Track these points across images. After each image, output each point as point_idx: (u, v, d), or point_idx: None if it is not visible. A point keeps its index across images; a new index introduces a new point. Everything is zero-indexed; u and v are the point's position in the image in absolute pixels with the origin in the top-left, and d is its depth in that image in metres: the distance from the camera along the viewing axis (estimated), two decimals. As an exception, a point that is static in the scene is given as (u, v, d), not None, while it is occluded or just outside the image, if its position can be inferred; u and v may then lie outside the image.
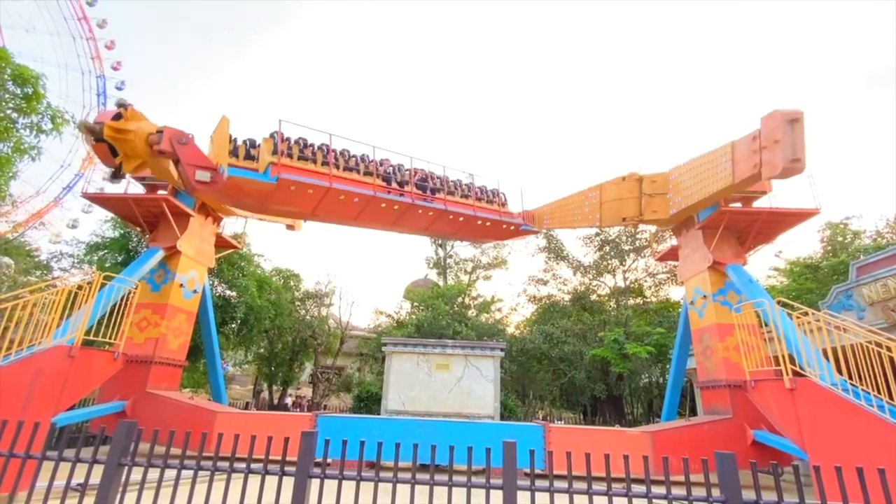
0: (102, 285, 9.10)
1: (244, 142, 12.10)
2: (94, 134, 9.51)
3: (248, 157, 11.92)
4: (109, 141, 9.53)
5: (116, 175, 10.18)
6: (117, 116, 9.62)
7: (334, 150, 12.62)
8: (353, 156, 13.19)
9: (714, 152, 10.79)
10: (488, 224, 15.12)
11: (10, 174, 11.86)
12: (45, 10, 32.50)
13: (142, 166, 10.34)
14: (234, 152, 11.73)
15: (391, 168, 13.73)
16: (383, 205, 13.18)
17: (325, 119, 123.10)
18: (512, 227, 15.77)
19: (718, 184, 10.55)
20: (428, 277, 32.82)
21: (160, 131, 9.75)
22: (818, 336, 8.65)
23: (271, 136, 11.92)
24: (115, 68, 34.81)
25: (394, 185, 13.34)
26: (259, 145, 12.13)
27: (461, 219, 14.55)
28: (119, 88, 35.01)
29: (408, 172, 13.89)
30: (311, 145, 12.51)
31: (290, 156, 11.83)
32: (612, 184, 13.85)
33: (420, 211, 13.79)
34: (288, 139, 12.00)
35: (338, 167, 12.58)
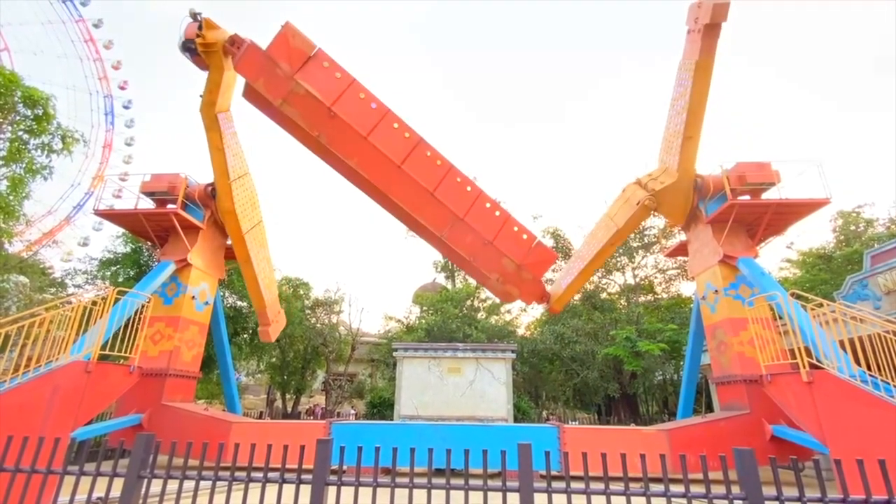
0: (116, 300, 9.23)
1: None
2: (190, 52, 11.40)
3: None
4: (202, 54, 11.27)
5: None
6: (199, 27, 11.27)
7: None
8: None
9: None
10: (525, 237, 12.80)
11: (24, 194, 12.08)
12: (53, 33, 33.27)
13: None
14: None
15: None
16: (396, 125, 11.79)
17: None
18: (526, 237, 12.93)
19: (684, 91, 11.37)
20: (436, 281, 32.84)
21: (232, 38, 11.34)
22: (834, 327, 8.53)
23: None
24: (122, 87, 35.45)
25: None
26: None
27: (469, 188, 12.51)
28: (126, 107, 35.65)
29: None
30: None
31: None
32: (614, 203, 14.13)
33: (429, 153, 12.09)
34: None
35: None
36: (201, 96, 11.82)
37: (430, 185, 12.07)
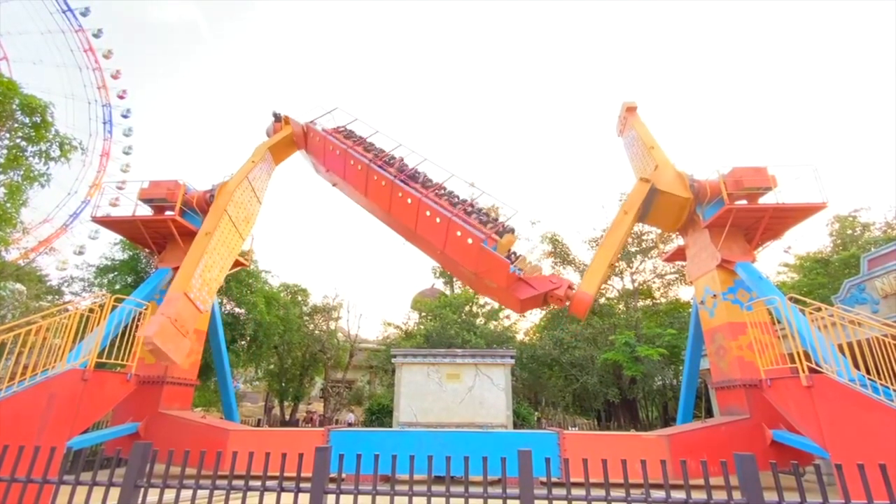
0: (113, 307, 9.18)
1: None
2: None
3: None
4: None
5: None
6: (278, 125, 16.52)
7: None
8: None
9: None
10: (470, 242, 11.88)
11: (21, 201, 12.06)
12: (53, 43, 33.37)
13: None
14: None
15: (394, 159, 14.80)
16: (375, 177, 14.09)
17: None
18: (493, 248, 11.83)
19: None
20: (435, 287, 32.81)
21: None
22: (833, 331, 8.54)
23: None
24: (120, 97, 35.53)
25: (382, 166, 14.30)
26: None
27: (438, 220, 12.53)
28: (125, 116, 35.72)
29: (397, 160, 14.61)
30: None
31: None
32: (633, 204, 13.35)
33: (400, 195, 13.49)
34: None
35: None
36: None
37: (386, 206, 14.01)
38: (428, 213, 12.80)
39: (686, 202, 12.77)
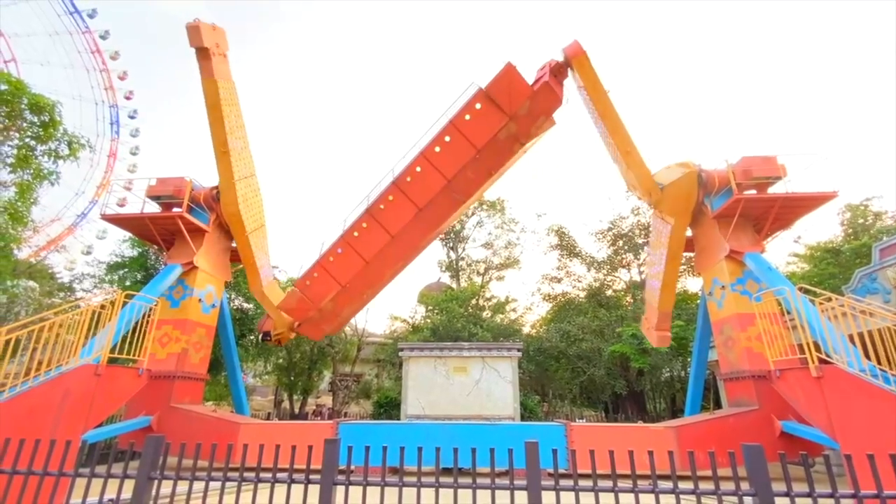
0: (124, 304, 9.30)
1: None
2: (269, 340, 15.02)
3: None
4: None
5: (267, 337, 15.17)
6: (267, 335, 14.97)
7: None
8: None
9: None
10: (479, 106, 11.55)
11: (32, 200, 12.21)
12: (60, 44, 33.53)
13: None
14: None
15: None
16: (365, 224, 12.64)
17: (325, 119, 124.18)
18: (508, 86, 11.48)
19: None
20: (441, 280, 32.85)
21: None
22: (843, 321, 8.45)
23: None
24: (127, 98, 35.69)
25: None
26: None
27: (447, 138, 11.84)
28: (132, 117, 35.91)
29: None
30: None
31: None
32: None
33: (409, 178, 12.16)
34: None
35: None
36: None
37: (417, 219, 12.78)
38: (437, 149, 12.00)
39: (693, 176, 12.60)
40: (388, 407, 19.25)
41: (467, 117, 11.79)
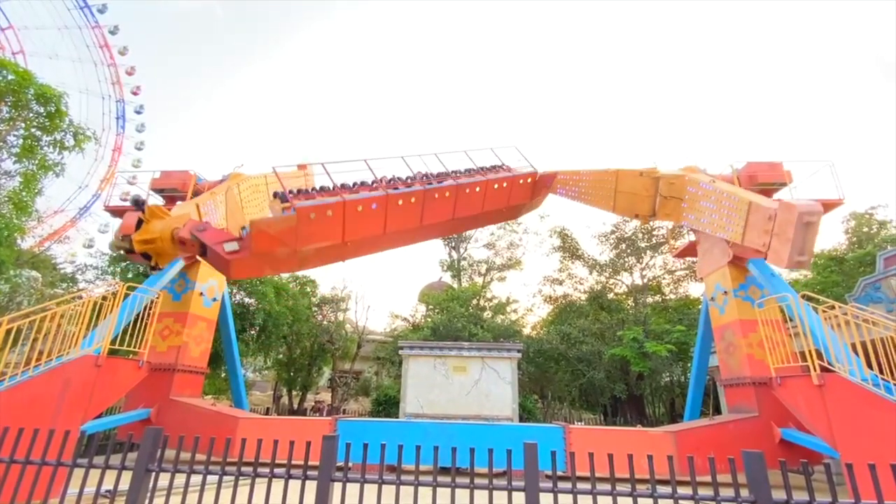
0: (126, 296, 9.32)
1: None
2: (126, 249, 9.83)
3: None
4: (141, 253, 9.90)
5: (155, 268, 10.66)
6: (139, 223, 9.78)
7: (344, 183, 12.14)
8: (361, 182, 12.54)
9: (734, 195, 10.30)
10: (505, 185, 14.61)
11: (36, 190, 12.25)
12: (69, 38, 33.71)
13: (175, 255, 10.74)
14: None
15: (393, 178, 13.09)
16: (400, 202, 12.10)
17: (327, 120, 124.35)
18: (530, 180, 15.44)
19: (728, 234, 10.44)
20: (442, 280, 32.83)
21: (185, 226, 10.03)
22: (846, 330, 8.40)
23: (275, 195, 11.80)
24: (134, 93, 35.85)
25: (401, 188, 12.65)
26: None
27: (478, 189, 13.85)
28: (138, 112, 36.03)
29: (410, 178, 13.14)
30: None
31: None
32: (628, 175, 13.00)
33: (437, 195, 12.89)
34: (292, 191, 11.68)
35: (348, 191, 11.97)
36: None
37: (416, 222, 13.07)
38: (467, 191, 13.63)
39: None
40: (387, 405, 19.26)
41: (521, 182, 15.29)
